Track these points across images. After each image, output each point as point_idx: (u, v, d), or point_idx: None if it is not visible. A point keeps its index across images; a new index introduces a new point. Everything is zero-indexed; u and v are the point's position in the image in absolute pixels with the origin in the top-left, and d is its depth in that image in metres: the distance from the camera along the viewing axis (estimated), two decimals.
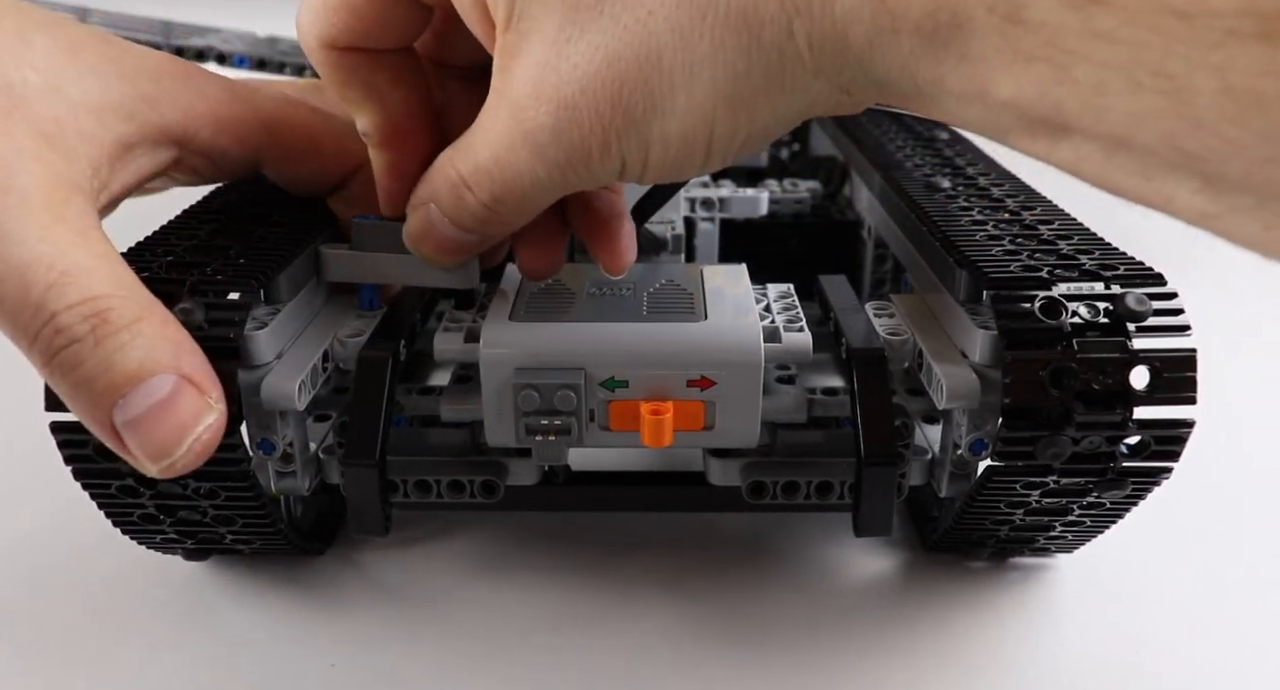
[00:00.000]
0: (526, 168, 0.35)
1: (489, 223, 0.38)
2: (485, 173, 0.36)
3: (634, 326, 0.43)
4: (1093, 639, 0.45)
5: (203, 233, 0.43)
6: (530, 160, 0.34)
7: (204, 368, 0.35)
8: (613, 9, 0.31)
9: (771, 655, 0.44)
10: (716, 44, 0.30)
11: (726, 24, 0.30)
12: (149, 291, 0.36)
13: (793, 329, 0.44)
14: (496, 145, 0.35)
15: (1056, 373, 0.37)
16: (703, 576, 0.48)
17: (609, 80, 0.32)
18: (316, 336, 0.44)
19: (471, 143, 0.36)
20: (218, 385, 0.35)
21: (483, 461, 0.46)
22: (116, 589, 0.47)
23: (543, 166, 0.35)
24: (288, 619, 0.46)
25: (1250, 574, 0.49)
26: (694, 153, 0.33)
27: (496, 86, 0.35)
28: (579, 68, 0.32)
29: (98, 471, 0.40)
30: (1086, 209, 0.47)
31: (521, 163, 0.35)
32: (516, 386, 0.41)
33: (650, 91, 0.32)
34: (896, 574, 0.49)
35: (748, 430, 0.43)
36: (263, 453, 0.42)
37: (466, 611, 0.46)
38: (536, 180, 0.35)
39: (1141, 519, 0.45)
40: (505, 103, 0.34)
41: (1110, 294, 0.38)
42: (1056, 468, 0.39)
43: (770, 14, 0.30)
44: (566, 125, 0.33)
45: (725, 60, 0.31)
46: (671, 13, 0.31)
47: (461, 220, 0.38)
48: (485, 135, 0.36)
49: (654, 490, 0.51)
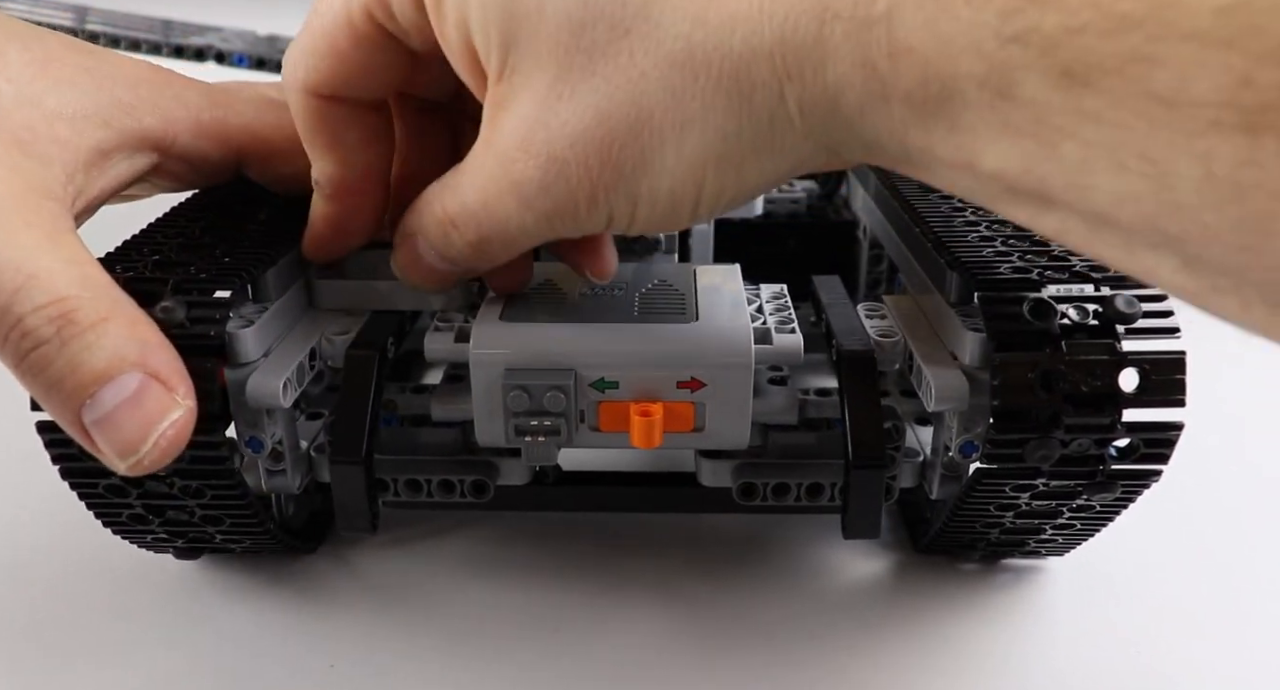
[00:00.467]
0: (514, 215, 0.35)
1: (474, 259, 0.39)
2: (472, 215, 0.37)
3: (624, 327, 0.42)
4: (1083, 641, 0.45)
5: (189, 231, 0.43)
6: (517, 209, 0.35)
7: (172, 365, 0.35)
8: (605, 70, 0.32)
9: (762, 657, 0.44)
10: (708, 105, 0.31)
11: (719, 86, 0.30)
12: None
13: (784, 330, 0.44)
14: (484, 191, 0.35)
15: (1046, 375, 0.37)
16: (694, 578, 0.48)
17: (600, 137, 0.32)
18: (305, 334, 0.44)
19: (459, 182, 0.37)
20: (187, 382, 0.35)
21: (473, 461, 0.46)
22: (109, 588, 0.47)
23: (530, 215, 0.35)
24: (281, 618, 0.46)
25: (1243, 577, 0.49)
26: (681, 209, 0.34)
27: (485, 135, 0.35)
28: (569, 125, 0.32)
29: (84, 471, 0.40)
30: None
31: (509, 210, 0.35)
32: (506, 387, 0.41)
33: (640, 149, 0.32)
34: (888, 576, 0.49)
35: (738, 432, 0.42)
36: (251, 451, 0.42)
37: (457, 611, 0.46)
38: (523, 227, 0.36)
39: (1132, 521, 0.45)
40: (493, 152, 0.35)
41: (1100, 296, 0.38)
42: (1045, 470, 0.39)
43: (762, 78, 0.30)
44: (554, 179, 0.33)
45: (716, 122, 0.31)
46: (664, 73, 0.31)
47: (448, 254, 0.39)
48: (473, 179, 0.36)
49: (645, 491, 0.51)
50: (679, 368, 0.41)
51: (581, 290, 0.46)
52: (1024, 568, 0.49)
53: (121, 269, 0.39)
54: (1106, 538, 0.46)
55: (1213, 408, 0.62)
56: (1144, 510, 0.43)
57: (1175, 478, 0.41)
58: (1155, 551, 0.50)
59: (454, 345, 0.43)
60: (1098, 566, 0.49)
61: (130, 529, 0.44)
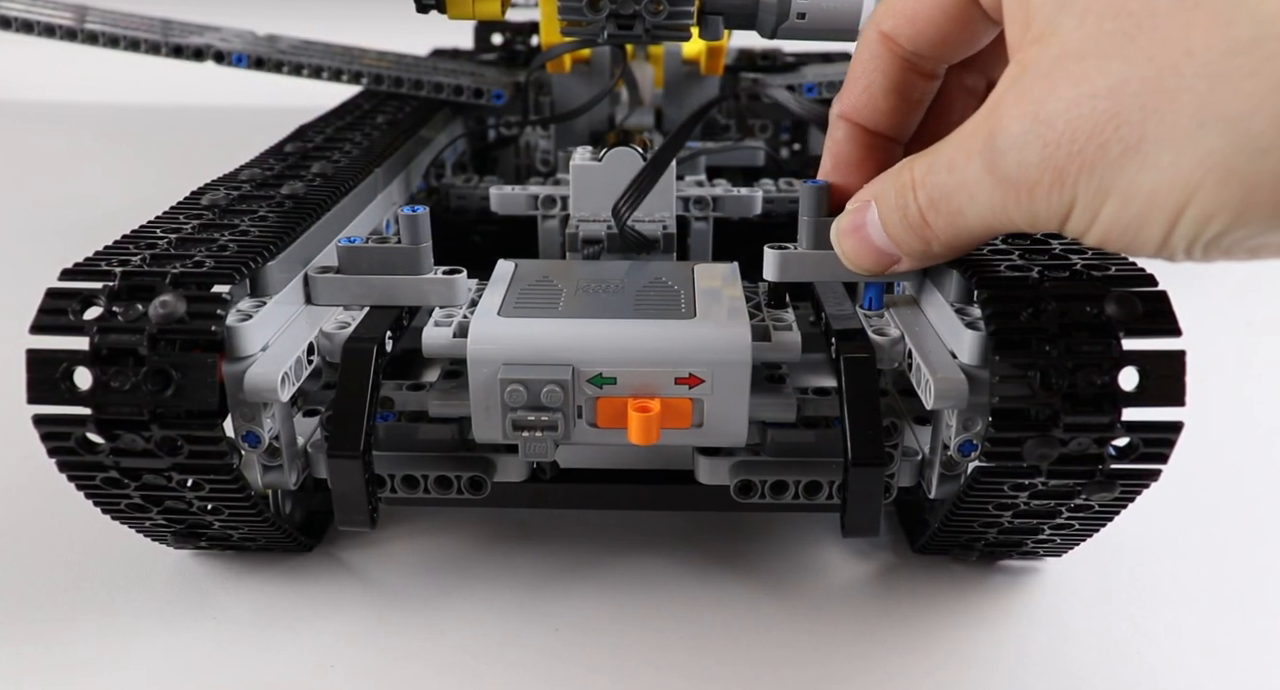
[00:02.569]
0: (973, 178, 0.33)
1: (915, 232, 0.37)
2: (935, 175, 0.35)
3: (623, 323, 0.42)
4: (1081, 640, 0.44)
5: (188, 227, 0.43)
6: (978, 170, 0.32)
7: None
8: (1146, 42, 0.28)
9: (760, 656, 0.44)
10: (1253, 106, 0.26)
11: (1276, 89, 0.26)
12: None
13: (782, 328, 0.44)
14: (959, 148, 0.33)
15: (1045, 373, 0.37)
16: (691, 576, 0.48)
17: (1101, 110, 0.28)
18: (302, 329, 0.44)
19: (940, 146, 0.35)
20: None
21: (470, 458, 0.46)
22: (109, 588, 0.47)
23: (987, 182, 0.32)
24: (280, 617, 0.46)
25: (1242, 576, 0.49)
26: (1152, 222, 0.29)
27: (994, 94, 0.32)
28: (1078, 86, 0.29)
29: (82, 464, 0.39)
30: None
31: (971, 171, 0.33)
32: (504, 382, 0.41)
33: (1140, 136, 0.28)
34: (884, 577, 0.49)
35: (736, 429, 0.42)
36: (248, 445, 0.42)
37: (455, 611, 0.46)
38: (974, 197, 0.33)
39: (1129, 521, 0.45)
40: (988, 111, 0.32)
41: (1099, 294, 0.38)
42: (1044, 469, 0.39)
43: None
44: (1032, 139, 0.30)
45: (1253, 129, 0.26)
46: (1214, 58, 0.26)
47: (891, 223, 0.37)
48: (956, 137, 0.34)
49: (642, 488, 0.51)
50: (677, 364, 0.41)
51: (579, 287, 0.46)
52: (1020, 569, 0.49)
53: (120, 262, 0.39)
54: (1102, 539, 0.46)
55: (1211, 408, 0.63)
56: (1140, 511, 0.43)
57: (1173, 479, 0.41)
58: (1151, 553, 0.50)
59: (452, 340, 0.43)
60: (1093, 568, 0.49)
61: (129, 517, 0.44)
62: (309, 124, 0.65)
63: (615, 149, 0.55)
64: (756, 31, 0.54)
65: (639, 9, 0.52)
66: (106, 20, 0.77)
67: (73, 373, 0.37)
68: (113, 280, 0.38)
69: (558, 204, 0.60)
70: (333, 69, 0.73)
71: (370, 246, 0.44)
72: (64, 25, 0.74)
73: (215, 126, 1.42)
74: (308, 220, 0.46)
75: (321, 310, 0.45)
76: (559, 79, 0.76)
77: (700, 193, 0.60)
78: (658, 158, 0.51)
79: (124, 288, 0.38)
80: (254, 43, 0.79)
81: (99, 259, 0.40)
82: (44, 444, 0.39)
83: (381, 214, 0.58)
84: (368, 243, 0.44)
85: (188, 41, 0.74)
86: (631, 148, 0.55)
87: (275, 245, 0.42)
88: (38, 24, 0.74)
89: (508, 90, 0.75)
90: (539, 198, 0.60)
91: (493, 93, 0.74)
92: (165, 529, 0.45)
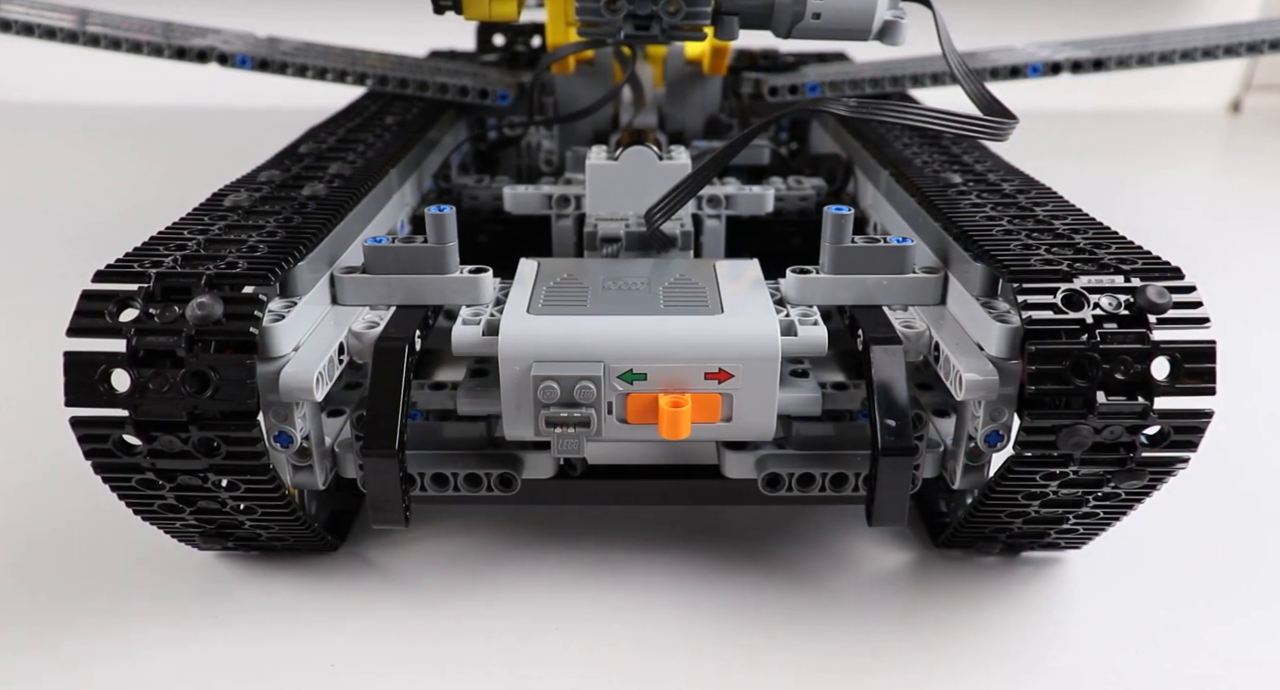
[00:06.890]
0: None
1: None
2: None
3: (652, 320, 0.43)
4: (1104, 634, 0.45)
5: (215, 228, 0.43)
6: None
7: None
8: None
9: (783, 650, 0.44)
10: None
11: None
12: None
13: (807, 323, 0.44)
14: None
15: (1079, 363, 0.37)
16: (713, 570, 0.49)
17: None
18: (331, 329, 0.44)
19: None
20: None
21: (500, 455, 0.46)
22: (110, 587, 0.47)
23: None
24: (280, 617, 0.46)
25: (1267, 568, 0.49)
26: None
27: None
28: None
29: (119, 466, 0.39)
30: (1088, 205, 0.48)
31: None
32: (536, 379, 0.41)
33: None
34: (908, 570, 0.49)
35: (765, 423, 0.43)
36: (280, 445, 0.42)
37: (479, 606, 0.46)
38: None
39: (1154, 515, 0.45)
40: None
41: (1131, 287, 0.38)
42: (1078, 457, 0.39)
43: None
44: None
45: None
46: None
47: None
48: None
49: (669, 484, 0.51)
50: (708, 359, 0.41)
51: (604, 284, 0.46)
52: (1043, 561, 0.49)
53: (150, 264, 0.39)
54: (1126, 531, 0.46)
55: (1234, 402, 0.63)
56: (1164, 503, 0.43)
57: (1196, 470, 0.42)
58: (1176, 545, 0.51)
59: (482, 339, 0.43)
60: (1116, 561, 0.49)
61: (160, 517, 0.44)
62: (319, 125, 0.65)
63: (631, 148, 0.56)
64: (771, 31, 0.54)
65: (656, 9, 0.52)
66: (108, 23, 0.77)
67: (110, 375, 0.37)
68: (148, 282, 0.38)
69: (572, 203, 0.60)
70: (337, 71, 0.73)
71: (397, 246, 0.44)
72: (65, 28, 0.74)
73: (218, 128, 1.42)
74: (332, 221, 0.46)
75: (347, 310, 0.45)
76: (563, 79, 0.77)
77: (713, 191, 0.60)
78: (704, 170, 0.51)
79: (159, 289, 0.38)
80: (256, 45, 0.79)
81: (131, 260, 0.40)
82: (81, 446, 0.39)
83: (396, 215, 0.58)
84: (394, 243, 0.45)
85: (190, 43, 0.74)
86: (646, 146, 0.56)
87: (306, 246, 0.42)
88: (38, 27, 0.74)
89: (513, 91, 0.75)
90: (553, 197, 0.60)
91: (498, 93, 0.74)
92: (195, 529, 0.45)
